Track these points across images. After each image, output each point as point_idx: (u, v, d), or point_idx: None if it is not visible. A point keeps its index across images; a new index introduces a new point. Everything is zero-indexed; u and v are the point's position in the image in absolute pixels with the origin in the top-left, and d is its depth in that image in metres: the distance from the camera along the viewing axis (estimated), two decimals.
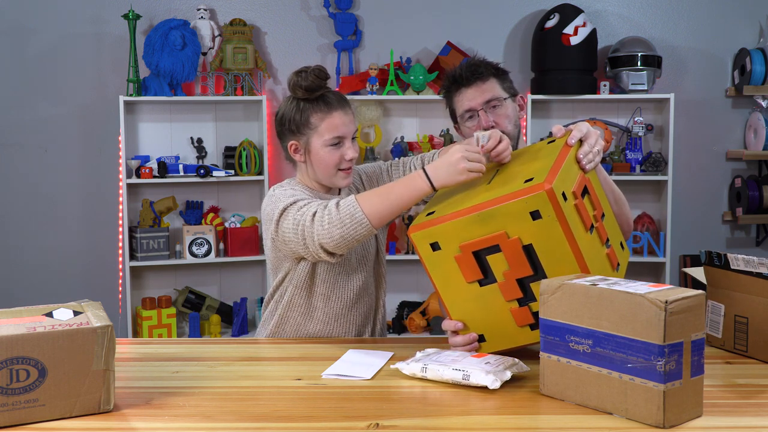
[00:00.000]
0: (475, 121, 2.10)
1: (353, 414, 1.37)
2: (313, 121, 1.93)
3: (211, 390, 1.51)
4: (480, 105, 2.08)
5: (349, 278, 2.00)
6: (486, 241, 1.54)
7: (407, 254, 4.12)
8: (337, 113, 1.93)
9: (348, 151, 1.94)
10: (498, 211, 1.52)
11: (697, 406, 1.32)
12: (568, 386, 1.39)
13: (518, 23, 4.28)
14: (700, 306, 1.30)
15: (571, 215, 1.53)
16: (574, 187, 1.58)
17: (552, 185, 1.48)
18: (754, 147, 4.21)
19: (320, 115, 1.93)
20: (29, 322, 1.34)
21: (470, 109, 2.09)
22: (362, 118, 4.12)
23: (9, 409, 1.29)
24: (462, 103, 2.12)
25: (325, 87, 1.95)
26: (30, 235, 4.18)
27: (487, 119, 2.07)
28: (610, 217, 1.74)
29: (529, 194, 1.49)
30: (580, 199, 1.58)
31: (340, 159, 1.94)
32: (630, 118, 4.23)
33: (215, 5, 4.19)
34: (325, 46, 4.23)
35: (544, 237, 1.51)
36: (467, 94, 2.10)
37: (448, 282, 1.61)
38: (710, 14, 4.29)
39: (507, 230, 1.53)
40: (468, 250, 1.56)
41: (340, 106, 1.95)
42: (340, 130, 1.93)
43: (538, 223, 1.50)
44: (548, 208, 1.49)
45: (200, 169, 4.02)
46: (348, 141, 1.95)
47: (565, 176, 1.56)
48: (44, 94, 4.15)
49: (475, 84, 2.09)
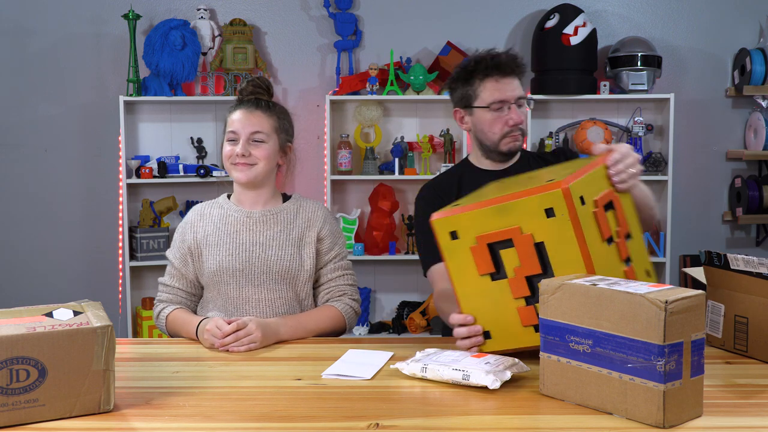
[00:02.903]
0: (503, 113, 2.09)
1: (353, 414, 1.37)
2: (226, 119, 2.14)
3: (211, 390, 1.51)
4: (514, 99, 2.09)
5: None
6: (501, 234, 1.57)
7: (407, 254, 4.12)
8: (240, 111, 2.10)
9: (237, 147, 2.08)
10: (515, 205, 1.55)
11: (697, 406, 1.32)
12: (568, 386, 1.39)
13: (518, 23, 4.28)
14: (700, 306, 1.30)
15: (587, 220, 1.53)
16: (597, 197, 1.58)
17: (569, 185, 1.50)
18: (754, 147, 4.21)
19: (229, 112, 2.14)
20: (29, 322, 1.34)
21: (503, 101, 2.08)
22: (362, 118, 4.12)
23: (9, 409, 1.29)
24: (493, 91, 2.09)
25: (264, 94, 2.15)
26: (30, 235, 4.18)
27: (519, 115, 2.10)
28: (639, 243, 1.71)
29: (546, 191, 1.52)
30: (601, 210, 1.58)
31: (231, 154, 2.09)
32: (630, 118, 4.23)
33: (215, 5, 4.19)
34: (325, 46, 4.23)
35: (556, 236, 1.52)
36: (504, 83, 2.09)
37: (462, 273, 1.64)
38: (710, 14, 4.29)
39: (521, 225, 1.55)
40: (483, 242, 1.59)
41: (248, 107, 2.11)
42: (234, 125, 2.09)
43: (552, 221, 1.52)
44: (562, 207, 1.50)
45: (200, 169, 4.02)
46: (241, 138, 2.08)
47: (588, 183, 1.57)
48: (44, 94, 4.15)
49: (512, 75, 2.10)
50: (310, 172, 4.21)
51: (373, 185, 4.21)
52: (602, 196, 1.60)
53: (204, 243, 2.12)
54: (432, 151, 4.12)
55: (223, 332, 1.83)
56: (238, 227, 2.12)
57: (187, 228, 2.16)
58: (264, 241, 2.10)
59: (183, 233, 2.16)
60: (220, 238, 2.11)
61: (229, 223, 2.12)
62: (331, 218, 2.21)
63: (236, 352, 1.82)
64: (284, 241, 2.10)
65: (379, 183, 4.19)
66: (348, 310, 2.13)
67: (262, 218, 2.12)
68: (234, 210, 2.14)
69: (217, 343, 1.83)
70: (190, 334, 1.97)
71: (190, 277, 2.14)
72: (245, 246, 2.09)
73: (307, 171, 4.21)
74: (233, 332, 1.83)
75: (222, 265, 2.07)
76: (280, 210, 2.14)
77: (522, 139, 2.15)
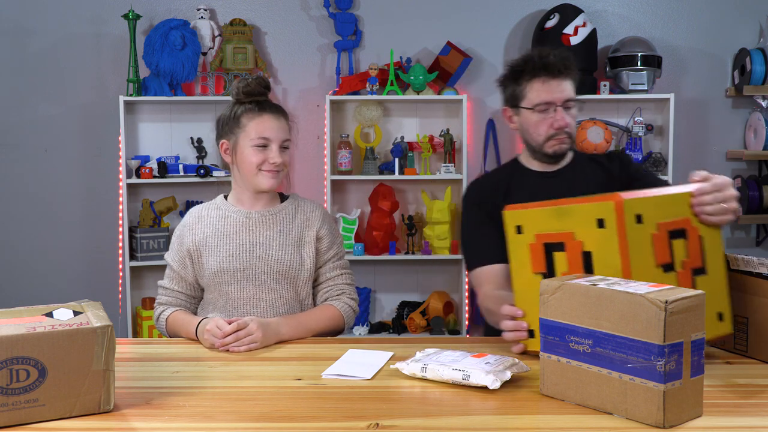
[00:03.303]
0: (549, 115, 2.06)
1: (353, 414, 1.37)
2: (242, 121, 2.06)
3: (211, 390, 1.51)
4: (560, 101, 2.05)
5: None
6: (556, 237, 1.59)
7: (407, 254, 4.12)
8: (269, 117, 2.05)
9: (272, 155, 2.04)
10: (572, 210, 1.57)
11: (697, 406, 1.32)
12: (568, 386, 1.39)
13: (518, 23, 4.28)
14: (700, 306, 1.30)
15: (639, 240, 1.50)
16: (664, 221, 1.54)
17: (623, 200, 1.48)
18: (754, 147, 4.20)
19: (251, 115, 2.06)
20: (29, 322, 1.34)
21: (550, 102, 2.05)
22: (362, 118, 4.11)
23: (9, 409, 1.29)
24: (540, 92, 2.05)
25: (266, 95, 2.09)
26: (30, 235, 4.18)
27: (564, 119, 2.05)
28: (716, 283, 1.62)
29: (600, 201, 1.52)
30: (663, 234, 1.54)
31: (264, 160, 2.04)
32: (630, 118, 4.23)
33: (215, 5, 4.19)
34: (325, 46, 4.23)
35: (603, 248, 1.52)
36: (552, 84, 2.04)
37: (520, 268, 1.67)
38: (710, 14, 4.29)
39: (575, 231, 1.56)
40: (541, 241, 1.62)
41: (272, 111, 2.07)
42: (268, 132, 2.04)
43: (601, 232, 1.51)
44: (612, 220, 1.49)
45: (200, 169, 4.02)
46: (274, 145, 2.05)
47: (657, 204, 1.55)
48: (44, 94, 4.15)
49: (559, 77, 2.05)
50: (310, 172, 4.21)
51: (373, 185, 4.21)
52: (673, 222, 1.56)
53: (203, 245, 2.12)
54: (432, 151, 4.11)
55: (224, 332, 1.83)
56: (237, 228, 2.11)
57: (186, 231, 2.15)
58: (264, 241, 2.10)
59: (181, 236, 2.16)
60: (220, 239, 2.10)
61: (228, 224, 2.12)
62: (329, 218, 2.21)
63: (237, 352, 1.82)
64: (284, 240, 2.11)
65: (379, 183, 4.19)
66: (347, 309, 2.13)
67: (261, 219, 2.12)
68: (233, 211, 2.14)
69: (218, 343, 1.83)
70: (190, 334, 1.97)
71: (189, 280, 2.15)
72: (245, 246, 2.09)
73: (307, 171, 4.21)
74: (234, 332, 1.83)
75: (222, 266, 2.08)
76: (279, 210, 2.14)
77: (569, 141, 2.10)
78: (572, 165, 2.19)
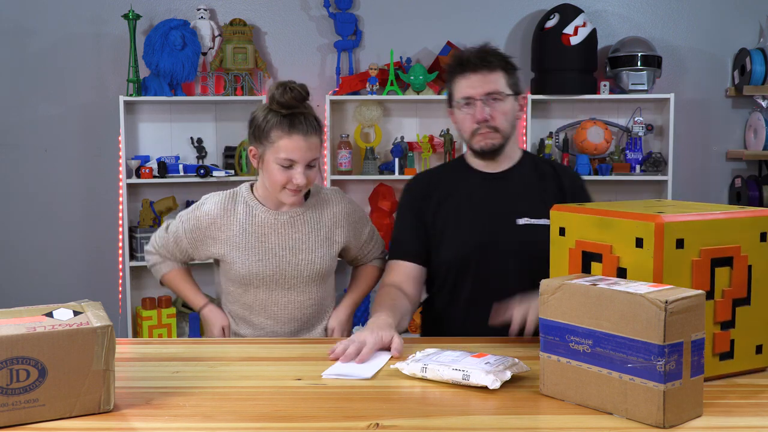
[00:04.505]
0: (471, 110, 2.04)
1: (353, 414, 1.37)
2: (272, 136, 1.97)
3: (211, 390, 1.51)
4: (480, 95, 2.02)
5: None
6: (595, 246, 1.56)
7: None
8: (297, 138, 1.95)
9: (297, 176, 1.97)
10: (614, 222, 1.52)
11: (697, 406, 1.32)
12: (568, 386, 1.39)
13: (518, 23, 4.28)
14: (700, 306, 1.30)
15: (677, 264, 1.45)
16: (708, 246, 1.47)
17: (665, 222, 1.43)
18: (754, 147, 4.20)
19: (280, 132, 1.96)
20: (29, 322, 1.34)
21: (469, 97, 2.03)
22: (362, 118, 4.11)
23: (9, 409, 1.29)
24: (462, 88, 2.05)
25: (301, 107, 1.97)
26: (30, 235, 4.18)
27: (482, 111, 2.02)
28: (759, 314, 1.55)
29: (642, 220, 1.47)
30: (705, 261, 1.47)
31: (288, 180, 1.98)
32: (630, 118, 4.23)
33: (215, 5, 4.19)
34: (325, 46, 4.23)
35: (638, 268, 1.47)
36: (471, 80, 2.03)
37: (558, 267, 1.65)
38: (710, 14, 4.29)
39: (614, 245, 1.52)
40: (580, 248, 1.60)
41: (303, 131, 1.95)
42: (294, 154, 1.95)
43: (639, 251, 1.47)
44: (650, 241, 1.45)
45: (200, 169, 4.02)
46: (300, 166, 1.97)
47: (701, 228, 1.47)
48: (44, 94, 4.15)
49: (481, 71, 2.03)
50: None
51: (373, 185, 4.21)
52: (720, 249, 1.49)
53: (229, 245, 2.06)
54: (432, 151, 4.12)
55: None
56: (266, 230, 2.06)
57: (207, 221, 2.07)
58: (294, 245, 2.07)
59: (199, 222, 2.08)
60: (248, 241, 2.05)
61: (255, 224, 2.06)
62: (352, 208, 2.18)
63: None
64: (313, 242, 2.08)
65: (379, 183, 4.19)
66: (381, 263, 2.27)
67: (290, 220, 2.07)
68: (260, 210, 2.07)
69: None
70: (190, 303, 2.18)
71: (194, 256, 2.15)
72: (274, 251, 2.06)
73: None
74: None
75: (252, 271, 2.05)
76: (305, 210, 2.10)
77: (497, 136, 2.05)
78: (519, 167, 2.15)
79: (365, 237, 2.22)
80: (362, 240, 2.21)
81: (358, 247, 2.22)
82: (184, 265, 2.22)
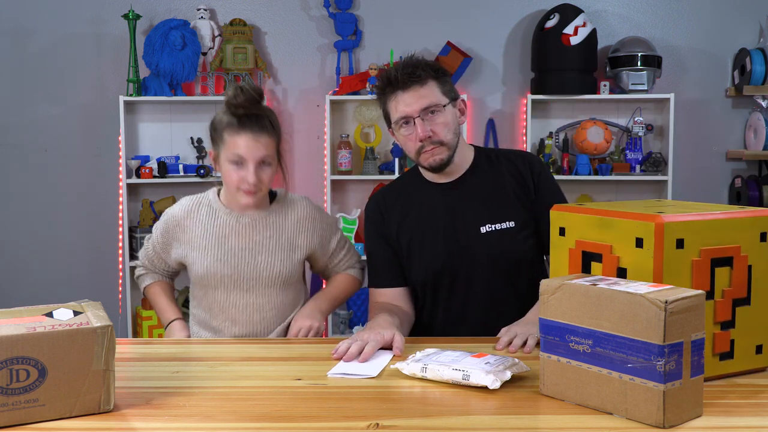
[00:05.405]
0: (410, 129, 1.96)
1: (353, 414, 1.37)
2: (224, 135, 1.99)
3: (211, 390, 1.51)
4: (417, 112, 1.93)
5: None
6: (595, 246, 1.55)
7: None
8: (246, 137, 1.96)
9: (248, 175, 1.96)
10: (614, 222, 1.52)
11: (697, 406, 1.32)
12: (568, 386, 1.39)
13: (518, 23, 4.28)
14: (700, 306, 1.30)
15: (677, 265, 1.45)
16: (708, 246, 1.47)
17: (665, 222, 1.43)
18: (754, 147, 4.20)
19: (230, 131, 1.98)
20: (29, 322, 1.34)
21: (406, 116, 1.95)
22: (362, 118, 4.12)
23: (9, 409, 1.29)
24: (397, 108, 1.96)
25: (254, 108, 1.98)
26: (30, 235, 4.18)
27: (423, 129, 1.94)
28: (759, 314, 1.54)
29: (642, 220, 1.47)
30: (705, 261, 1.47)
31: (241, 180, 1.98)
32: (630, 118, 4.23)
33: (215, 5, 4.19)
34: (325, 46, 4.23)
35: (638, 268, 1.47)
36: (404, 98, 1.94)
37: (558, 267, 1.64)
38: (710, 14, 4.29)
39: (614, 245, 1.52)
40: (580, 248, 1.59)
41: (252, 129, 1.96)
42: (242, 150, 1.95)
43: (638, 251, 1.47)
44: (650, 241, 1.44)
45: (200, 169, 4.02)
46: (250, 164, 1.96)
47: (701, 228, 1.47)
48: (44, 94, 4.15)
49: (412, 88, 1.94)
50: (310, 172, 4.21)
51: (373, 185, 4.21)
52: (720, 249, 1.48)
53: (190, 245, 2.09)
54: None
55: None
56: (226, 231, 2.08)
57: (173, 224, 2.12)
58: (253, 247, 2.07)
59: (167, 223, 2.13)
60: (208, 241, 2.07)
61: (217, 226, 2.08)
62: (319, 215, 2.16)
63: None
64: (274, 246, 2.08)
65: (379, 183, 4.19)
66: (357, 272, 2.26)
67: (251, 223, 2.08)
68: (223, 212, 2.09)
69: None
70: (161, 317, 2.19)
71: (169, 262, 2.18)
72: (233, 251, 2.06)
73: (307, 171, 4.21)
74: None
75: (210, 271, 2.06)
76: (268, 213, 2.10)
77: (444, 150, 1.98)
78: (473, 171, 2.09)
79: (333, 246, 2.18)
80: (329, 249, 2.18)
81: (325, 256, 2.18)
82: (167, 279, 2.25)
